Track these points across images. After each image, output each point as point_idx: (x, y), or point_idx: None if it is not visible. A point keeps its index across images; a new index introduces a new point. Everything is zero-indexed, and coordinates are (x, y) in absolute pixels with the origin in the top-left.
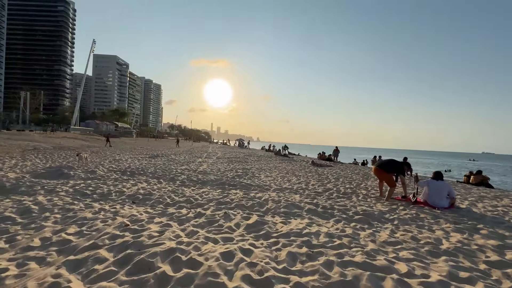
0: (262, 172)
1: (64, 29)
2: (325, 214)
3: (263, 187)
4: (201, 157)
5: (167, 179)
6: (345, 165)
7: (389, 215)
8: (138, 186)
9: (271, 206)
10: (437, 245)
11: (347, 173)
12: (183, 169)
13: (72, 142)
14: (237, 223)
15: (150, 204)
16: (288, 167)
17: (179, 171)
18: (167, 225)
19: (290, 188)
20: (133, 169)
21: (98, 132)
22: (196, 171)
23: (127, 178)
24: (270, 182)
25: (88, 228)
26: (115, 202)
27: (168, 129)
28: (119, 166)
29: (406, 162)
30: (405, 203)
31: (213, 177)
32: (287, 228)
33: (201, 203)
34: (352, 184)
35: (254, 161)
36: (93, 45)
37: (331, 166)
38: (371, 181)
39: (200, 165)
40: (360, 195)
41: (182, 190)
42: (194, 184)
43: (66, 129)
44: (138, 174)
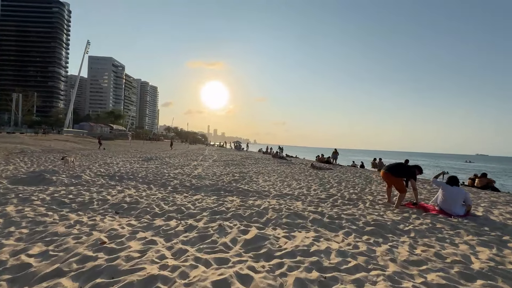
0: (260, 176)
1: (59, 30)
2: (332, 225)
3: (261, 193)
4: (197, 160)
5: (158, 185)
6: (345, 167)
7: (403, 225)
8: (125, 193)
9: (272, 216)
10: (467, 264)
11: (348, 176)
12: (177, 173)
13: (63, 145)
14: (233, 239)
15: (136, 214)
16: (287, 170)
17: (171, 175)
18: (151, 242)
19: (291, 194)
20: (122, 174)
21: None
22: (190, 175)
23: (114, 184)
24: (269, 187)
25: (56, 247)
26: (95, 212)
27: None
28: (108, 170)
29: (417, 165)
30: (417, 211)
31: (208, 182)
32: (292, 245)
33: (193, 213)
34: (356, 189)
35: (251, 164)
36: (87, 46)
37: (331, 169)
38: (375, 185)
39: (195, 169)
40: (366, 202)
41: (173, 197)
42: (187, 190)
43: (58, 131)
44: (128, 179)
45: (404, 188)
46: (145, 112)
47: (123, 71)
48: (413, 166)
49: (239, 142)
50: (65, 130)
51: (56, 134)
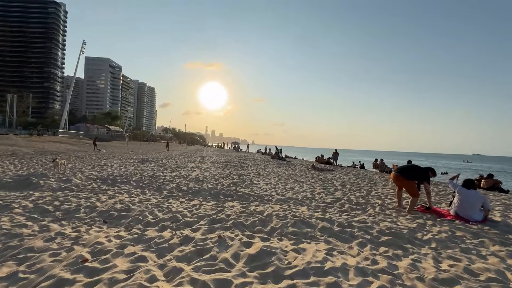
0: (260, 179)
1: (55, 31)
2: (343, 235)
3: (263, 197)
4: (194, 161)
5: (153, 189)
6: (346, 168)
7: (421, 233)
8: (116, 199)
9: (276, 224)
10: (505, 282)
11: (351, 178)
12: (173, 176)
13: (57, 147)
14: (235, 253)
15: (126, 223)
16: (287, 172)
17: (168, 178)
18: (141, 259)
19: (294, 198)
20: (115, 177)
21: (89, 136)
22: (187, 178)
23: (106, 188)
24: (270, 190)
25: (27, 268)
26: (81, 221)
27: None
28: (101, 173)
29: (430, 168)
30: (430, 216)
31: (206, 185)
32: (303, 261)
33: (190, 222)
34: (362, 192)
35: (250, 166)
36: (83, 46)
37: (332, 170)
38: (381, 188)
39: (193, 171)
40: (376, 206)
41: (168, 203)
42: (184, 195)
43: (54, 132)
44: (121, 182)
45: (416, 192)
46: (142, 113)
47: (120, 72)
48: (426, 168)
49: (238, 143)
50: (61, 131)
51: (51, 136)
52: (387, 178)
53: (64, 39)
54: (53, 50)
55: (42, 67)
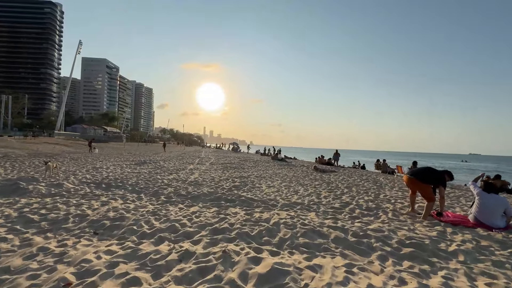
0: (262, 181)
1: (51, 31)
2: (360, 246)
3: (267, 202)
4: (193, 163)
5: (150, 194)
6: (348, 169)
7: (444, 244)
8: (110, 206)
9: (285, 234)
10: None
11: (356, 180)
12: (171, 179)
13: (52, 148)
14: (243, 273)
15: (119, 235)
16: (289, 173)
17: (165, 181)
18: (134, 282)
19: (300, 202)
20: (110, 180)
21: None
22: (186, 181)
23: (99, 194)
24: (274, 194)
25: None
26: (69, 233)
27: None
28: (95, 176)
29: (447, 171)
30: (444, 222)
31: (206, 189)
32: (322, 282)
33: (190, 232)
34: (370, 195)
35: (251, 167)
36: (79, 46)
37: (334, 171)
38: (388, 190)
39: (191, 174)
40: (388, 212)
41: (166, 210)
42: (183, 200)
43: (49, 134)
44: (116, 187)
45: (432, 196)
46: (140, 114)
47: (117, 73)
48: (443, 171)
49: (236, 144)
50: (56, 132)
51: (46, 137)
52: (391, 179)
53: (61, 40)
54: (49, 50)
55: (38, 67)
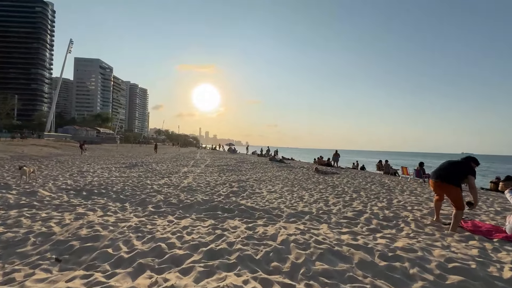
0: (262, 186)
1: (42, 30)
2: (395, 274)
3: (271, 212)
4: (187, 165)
5: (136, 203)
6: (349, 171)
7: (493, 267)
8: (84, 220)
9: (298, 257)
10: None
11: (361, 182)
12: (162, 184)
13: (39, 151)
14: None
15: (87, 262)
16: (290, 176)
17: (155, 187)
18: None
19: (308, 211)
20: (94, 186)
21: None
22: (178, 187)
23: (77, 203)
24: (278, 202)
25: None
26: (22, 260)
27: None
28: (77, 181)
29: (471, 157)
30: (479, 234)
31: (200, 196)
32: None
33: (179, 257)
34: (382, 201)
35: (248, 170)
36: (70, 45)
37: (336, 173)
38: (399, 194)
39: (185, 178)
40: (410, 222)
41: (152, 224)
42: (173, 211)
43: (39, 135)
44: (98, 194)
45: (462, 203)
46: (134, 115)
47: (111, 73)
48: (467, 158)
49: (233, 145)
50: (46, 134)
51: (35, 139)
52: (397, 181)
53: (52, 39)
54: (41, 50)
55: (29, 68)
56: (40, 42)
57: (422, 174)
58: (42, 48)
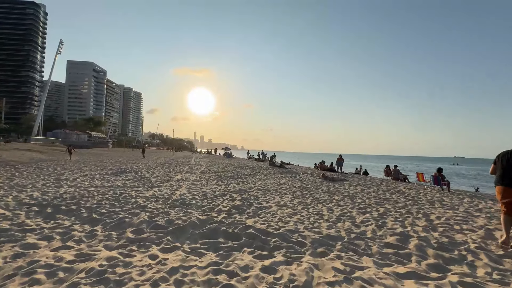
0: (269, 196)
1: (34, 33)
2: None
3: (289, 238)
4: (181, 171)
5: (111, 225)
6: (357, 177)
7: None
8: (25, 259)
9: None
10: None
11: (379, 192)
12: (149, 196)
13: (20, 155)
14: None
15: None
16: (296, 184)
17: (139, 202)
18: None
19: (337, 236)
20: (65, 200)
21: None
22: (168, 200)
23: (31, 227)
24: (293, 220)
25: None
26: None
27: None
28: (47, 193)
29: None
30: None
31: (195, 214)
32: None
33: None
34: (418, 217)
35: (249, 176)
36: (60, 46)
37: (345, 179)
38: (431, 207)
39: (178, 187)
40: (475, 251)
41: (125, 265)
42: (159, 238)
43: (26, 139)
44: (66, 211)
45: None
46: (128, 119)
47: (104, 76)
48: None
49: (229, 149)
50: (34, 138)
51: (21, 143)
52: (414, 189)
53: (44, 42)
54: (32, 53)
55: (19, 70)
56: (31, 44)
57: (441, 181)
58: (33, 51)
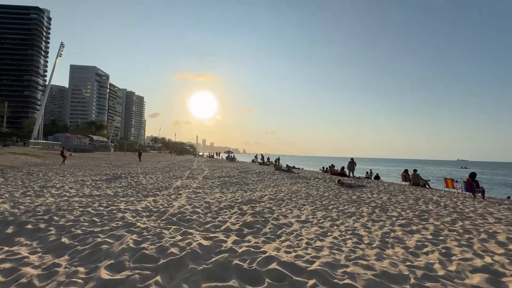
0: (284, 208)
1: (37, 37)
2: None
3: (332, 280)
4: (181, 177)
5: (80, 255)
6: (373, 182)
7: None
8: None
9: None
10: None
11: (408, 201)
12: (141, 210)
13: (14, 160)
14: None
15: None
16: (311, 191)
17: (127, 218)
18: None
19: (395, 273)
20: (36, 215)
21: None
22: (163, 215)
23: None
24: (327, 247)
25: None
26: None
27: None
28: (20, 205)
29: None
30: None
31: (197, 237)
32: None
33: None
34: (488, 240)
35: (256, 182)
36: (61, 48)
37: (363, 185)
38: (481, 220)
39: (177, 196)
40: None
41: None
42: (144, 279)
43: (25, 143)
44: (32, 231)
45: None
46: (131, 123)
47: (107, 81)
48: None
49: (231, 152)
50: (33, 141)
51: (20, 147)
52: (444, 196)
53: (47, 46)
54: (35, 57)
55: (23, 74)
56: (35, 49)
57: (475, 187)
58: (36, 55)
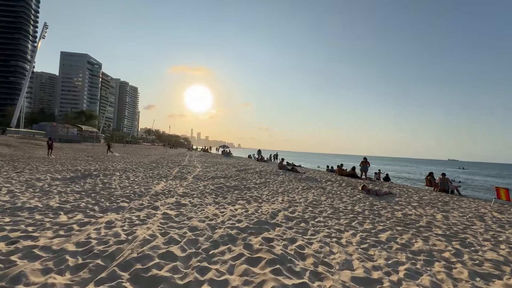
0: (317, 241)
1: (24, 20)
2: None
3: None
4: (167, 176)
5: None
6: (398, 186)
7: None
8: None
9: None
10: None
11: (450, 213)
12: (70, 252)
13: None
14: None
15: None
16: (335, 202)
17: (31, 279)
18: None
19: None
20: None
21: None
22: (110, 264)
23: None
24: None
25: None
26: None
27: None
28: None
29: None
30: None
31: None
32: None
33: None
34: None
35: (259, 186)
36: (44, 29)
37: (390, 193)
38: None
39: (148, 214)
40: None
41: None
42: None
43: (3, 131)
44: None
45: None
46: (124, 114)
47: (99, 69)
48: None
49: (227, 147)
50: (13, 130)
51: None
52: (498, 210)
53: (36, 31)
54: (22, 41)
55: (8, 59)
56: (22, 33)
57: None
58: (23, 39)
